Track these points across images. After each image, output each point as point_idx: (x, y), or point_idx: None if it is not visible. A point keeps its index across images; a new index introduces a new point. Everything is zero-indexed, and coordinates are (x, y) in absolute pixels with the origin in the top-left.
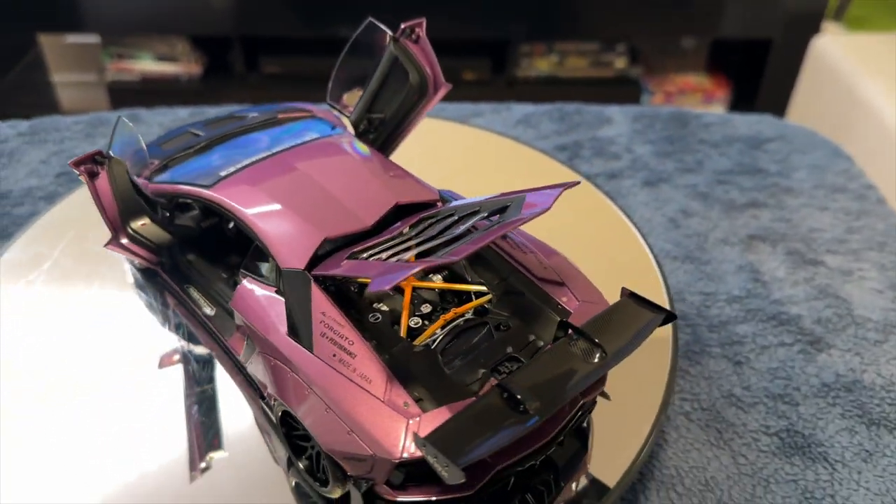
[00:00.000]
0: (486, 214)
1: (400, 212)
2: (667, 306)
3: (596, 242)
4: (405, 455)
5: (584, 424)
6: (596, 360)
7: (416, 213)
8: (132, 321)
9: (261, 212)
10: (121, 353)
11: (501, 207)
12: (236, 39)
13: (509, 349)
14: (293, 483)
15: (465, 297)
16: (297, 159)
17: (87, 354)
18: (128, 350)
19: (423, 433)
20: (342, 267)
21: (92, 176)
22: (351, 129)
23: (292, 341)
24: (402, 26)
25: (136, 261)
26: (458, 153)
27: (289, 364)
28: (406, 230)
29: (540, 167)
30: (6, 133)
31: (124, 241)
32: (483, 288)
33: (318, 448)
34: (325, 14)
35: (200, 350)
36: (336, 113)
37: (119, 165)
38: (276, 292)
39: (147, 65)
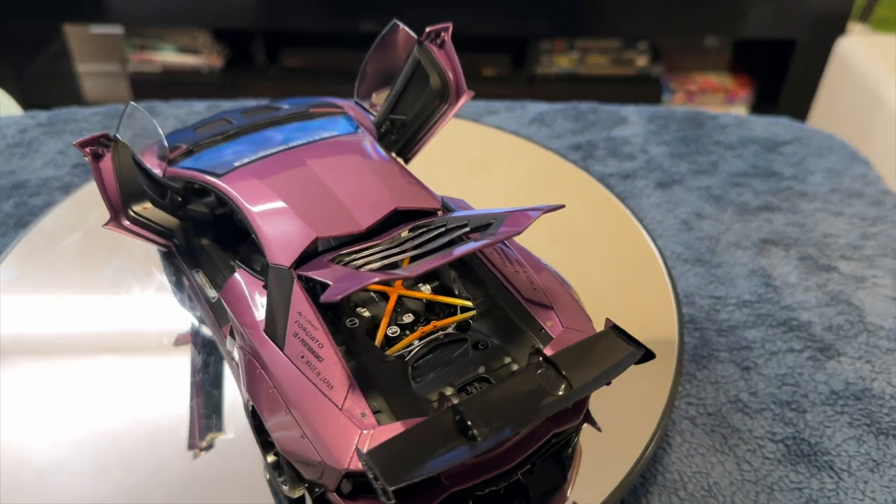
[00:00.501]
0: (469, 229)
1: (401, 217)
2: (674, 310)
3: (606, 244)
4: (352, 466)
5: (569, 452)
6: (559, 392)
7: (415, 219)
8: (153, 299)
9: (260, 205)
10: (140, 329)
11: (486, 224)
12: (258, 32)
13: (482, 369)
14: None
15: (450, 310)
16: (309, 156)
17: (105, 329)
18: (148, 326)
19: (373, 446)
20: (313, 268)
21: (97, 158)
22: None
23: (266, 338)
24: (428, 30)
25: (140, 241)
26: (470, 152)
27: (259, 360)
28: (395, 238)
29: (551, 168)
30: (26, 123)
31: (126, 223)
32: (469, 303)
33: None
34: (347, 8)
35: (207, 332)
36: (363, 111)
37: (124, 149)
38: (263, 287)
39: (169, 56)
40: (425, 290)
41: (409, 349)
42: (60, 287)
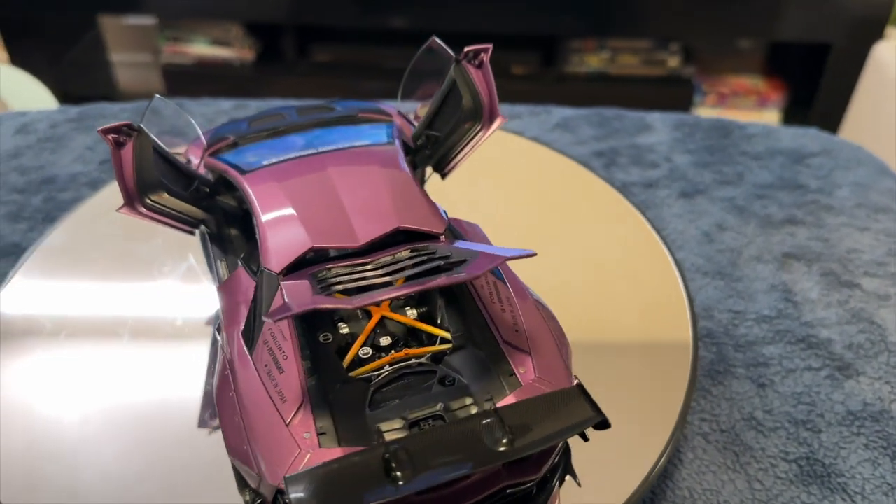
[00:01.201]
0: (448, 262)
1: (405, 237)
2: (689, 324)
3: (623, 255)
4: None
5: (542, 501)
6: (500, 447)
7: (417, 241)
8: (186, 284)
9: (269, 207)
10: (172, 312)
11: (462, 260)
12: (289, 27)
13: (440, 406)
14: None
15: (431, 339)
16: (333, 163)
17: (137, 312)
18: (180, 310)
19: (307, 467)
20: (290, 279)
21: (118, 145)
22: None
23: (241, 341)
24: (466, 49)
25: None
26: (486, 158)
27: (230, 362)
28: (383, 260)
29: (569, 175)
30: (56, 118)
31: (141, 209)
32: (448, 335)
33: None
34: (377, 4)
35: None
36: (407, 122)
37: (146, 139)
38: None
39: (201, 49)
40: (411, 315)
41: (377, 373)
42: (92, 273)
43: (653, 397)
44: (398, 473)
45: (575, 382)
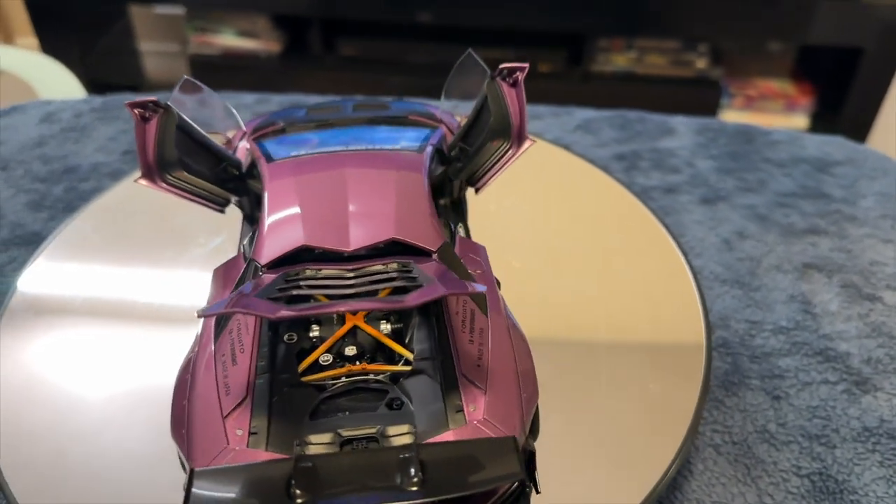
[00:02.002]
0: (408, 284)
1: (401, 248)
2: (703, 333)
3: (638, 262)
4: None
5: None
6: (410, 486)
7: (410, 254)
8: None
9: (277, 200)
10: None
11: (418, 284)
12: (315, 20)
13: (377, 429)
14: None
15: (396, 357)
16: (354, 163)
17: (163, 295)
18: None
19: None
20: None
21: (143, 120)
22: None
23: (212, 327)
24: (501, 66)
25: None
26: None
27: (198, 345)
28: (369, 268)
29: (587, 179)
30: (81, 108)
31: (160, 183)
32: (411, 355)
33: None
34: None
35: None
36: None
37: (170, 118)
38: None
39: (228, 40)
40: (384, 329)
41: (332, 382)
42: (116, 257)
43: (664, 406)
44: (297, 492)
45: (520, 435)
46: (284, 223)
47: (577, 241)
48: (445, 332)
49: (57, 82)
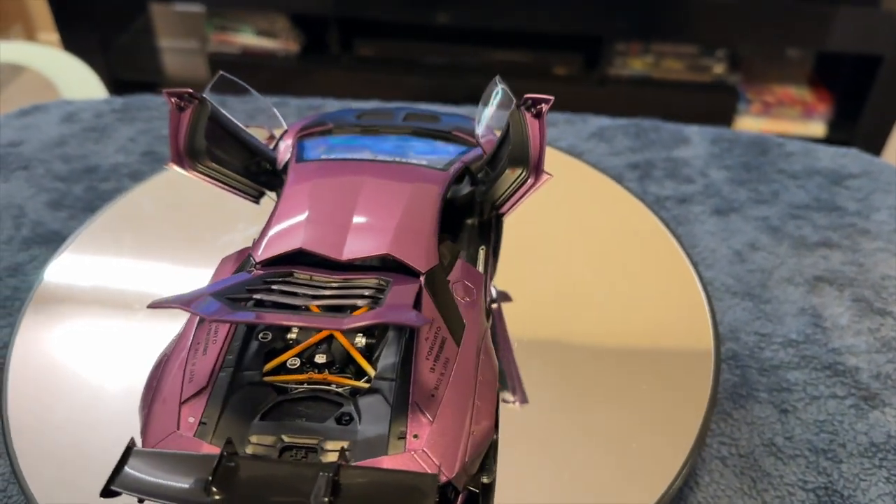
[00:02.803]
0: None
1: (394, 265)
2: (712, 346)
3: (648, 273)
4: None
5: None
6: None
7: (401, 272)
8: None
9: (290, 200)
10: None
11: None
12: (333, 20)
13: (317, 441)
14: None
15: (360, 372)
16: (375, 174)
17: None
18: None
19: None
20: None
21: (179, 109)
22: None
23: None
24: (527, 96)
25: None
26: None
27: (184, 328)
28: (353, 282)
29: (599, 189)
30: (102, 108)
31: (189, 170)
32: (372, 372)
33: None
34: None
35: None
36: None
37: (204, 109)
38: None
39: (247, 38)
40: (359, 341)
41: (293, 386)
42: (140, 253)
43: (672, 417)
44: (213, 489)
45: (459, 471)
46: (288, 224)
47: (588, 253)
48: (410, 356)
49: (78, 80)
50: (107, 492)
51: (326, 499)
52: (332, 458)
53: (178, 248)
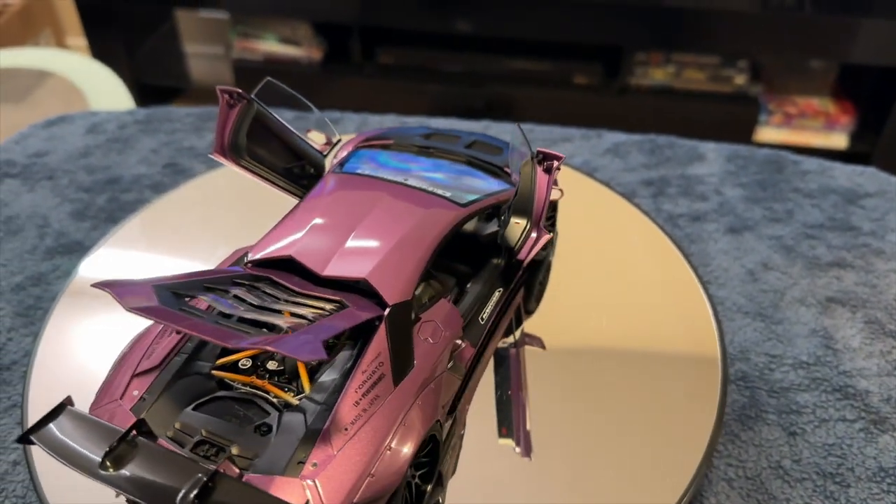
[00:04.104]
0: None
1: (368, 291)
2: (720, 366)
3: (658, 292)
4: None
5: None
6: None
7: (372, 297)
8: None
9: (304, 208)
10: None
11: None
12: (355, 28)
13: (229, 442)
14: None
15: (297, 385)
16: (395, 197)
17: None
18: None
19: (115, 422)
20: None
21: (229, 106)
22: None
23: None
24: (539, 150)
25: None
26: None
27: None
28: (313, 300)
29: (611, 207)
30: (125, 120)
31: (231, 162)
32: (307, 389)
33: None
34: (444, 8)
35: None
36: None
37: (250, 110)
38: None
39: (271, 46)
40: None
41: (236, 385)
42: (161, 259)
43: (678, 438)
44: (107, 463)
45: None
46: (291, 230)
47: (596, 270)
48: (343, 384)
49: (104, 86)
50: (23, 438)
51: (189, 497)
52: (230, 462)
53: (199, 258)
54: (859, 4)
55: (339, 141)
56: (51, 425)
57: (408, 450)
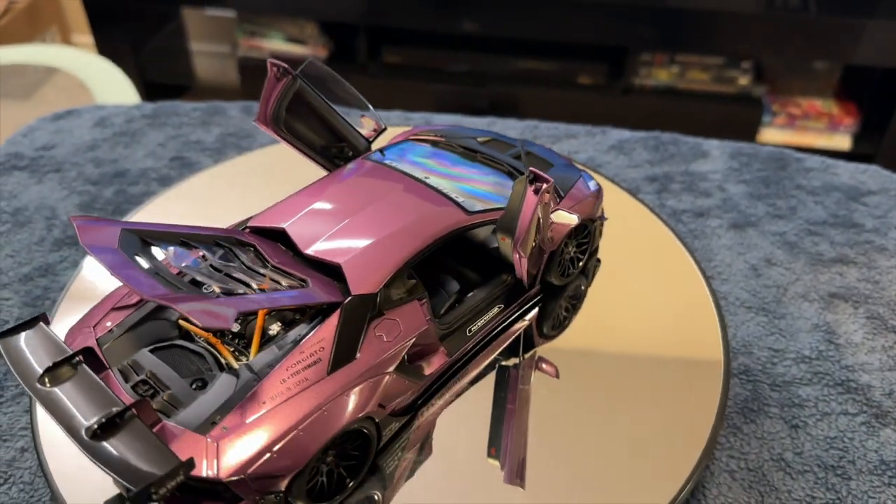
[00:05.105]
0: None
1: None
2: (722, 359)
3: (662, 286)
4: (69, 343)
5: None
6: (83, 430)
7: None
8: None
9: (318, 187)
10: None
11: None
12: (362, 28)
13: (161, 396)
14: None
15: (246, 346)
16: (406, 192)
17: None
18: None
19: (76, 345)
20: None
21: (276, 78)
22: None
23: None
24: (531, 170)
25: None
26: None
27: None
28: (284, 271)
29: (616, 201)
30: (133, 114)
31: (271, 129)
32: (251, 357)
33: None
34: (450, 8)
35: None
36: None
37: (292, 86)
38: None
39: (277, 44)
40: (273, 326)
41: (196, 337)
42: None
43: (680, 429)
44: (45, 379)
45: (220, 477)
46: (296, 205)
47: (603, 265)
48: (278, 357)
49: (110, 82)
50: None
51: (92, 425)
52: (157, 406)
53: None
54: (863, 6)
55: (384, 129)
56: (20, 334)
57: (318, 437)
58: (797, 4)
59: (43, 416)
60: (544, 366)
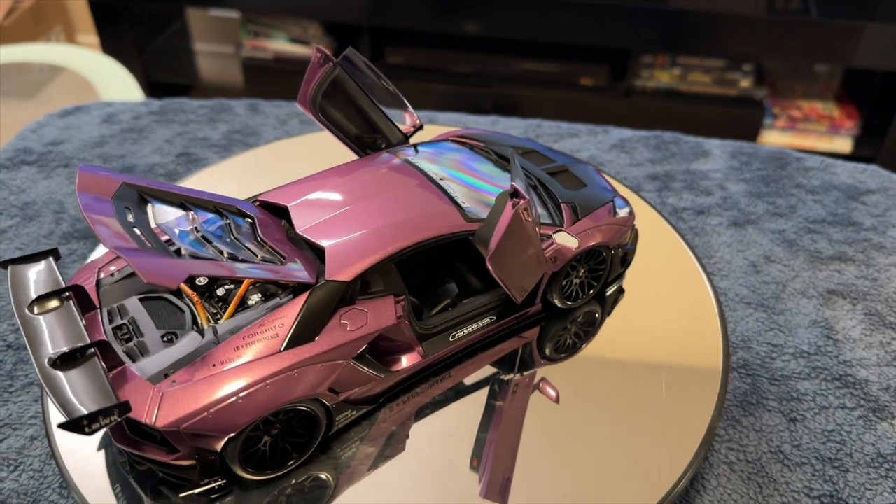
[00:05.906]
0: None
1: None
2: (721, 354)
3: (663, 282)
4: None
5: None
6: (47, 360)
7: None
8: None
9: (333, 172)
10: None
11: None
12: (365, 28)
13: (138, 333)
14: None
15: (221, 307)
16: (417, 187)
17: None
18: None
19: (77, 282)
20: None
21: (320, 63)
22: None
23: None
24: (512, 185)
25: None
26: None
27: None
28: (268, 252)
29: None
30: (140, 110)
31: (310, 110)
32: (221, 322)
33: None
34: (453, 9)
35: None
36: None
37: (331, 73)
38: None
39: (280, 45)
40: (254, 295)
41: (184, 293)
42: None
43: (679, 422)
44: (33, 306)
45: (156, 425)
46: (305, 187)
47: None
48: (242, 326)
49: (115, 81)
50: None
51: (52, 357)
52: (126, 350)
53: None
54: (864, 9)
55: (421, 126)
56: (30, 265)
57: (256, 408)
58: (798, 7)
59: (54, 406)
60: (547, 388)
